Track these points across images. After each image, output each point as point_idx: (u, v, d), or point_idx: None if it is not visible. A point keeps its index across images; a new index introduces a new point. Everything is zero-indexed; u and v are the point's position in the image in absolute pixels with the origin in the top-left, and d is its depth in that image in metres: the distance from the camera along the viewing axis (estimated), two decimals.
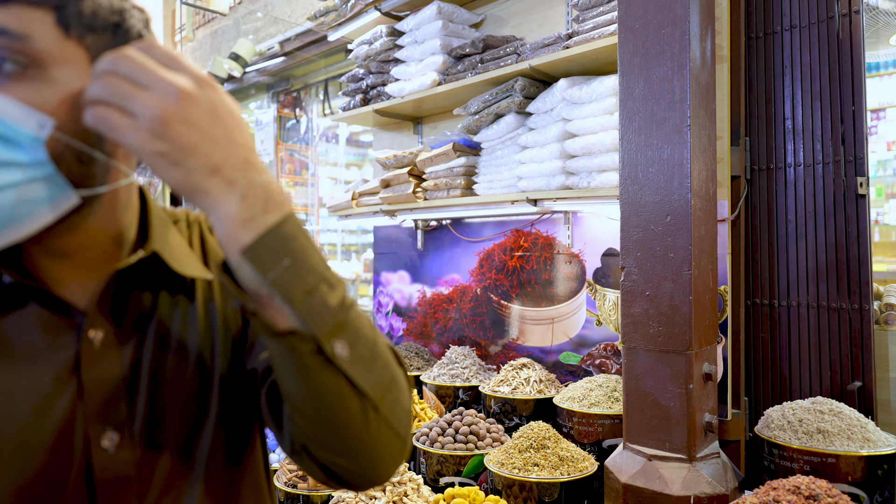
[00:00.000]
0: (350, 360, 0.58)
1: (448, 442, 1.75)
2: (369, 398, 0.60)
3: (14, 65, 0.58)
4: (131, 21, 0.66)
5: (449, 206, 2.33)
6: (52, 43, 0.59)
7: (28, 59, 0.58)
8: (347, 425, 0.59)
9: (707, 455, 1.48)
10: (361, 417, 0.59)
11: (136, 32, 0.67)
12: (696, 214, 1.47)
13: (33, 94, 0.58)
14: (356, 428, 0.60)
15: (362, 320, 0.62)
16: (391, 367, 0.63)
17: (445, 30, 2.37)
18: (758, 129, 1.96)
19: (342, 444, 0.60)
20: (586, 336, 2.23)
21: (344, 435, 0.60)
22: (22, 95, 0.57)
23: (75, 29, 0.61)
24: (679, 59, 1.47)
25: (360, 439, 0.60)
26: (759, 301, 1.96)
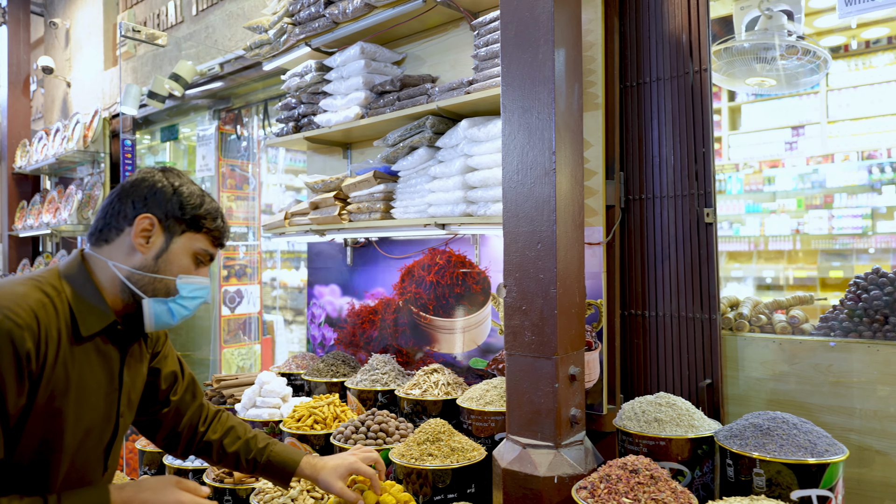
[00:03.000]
0: None
1: (360, 438, 2.00)
2: None
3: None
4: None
5: (370, 228, 2.58)
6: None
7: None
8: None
9: (571, 442, 1.77)
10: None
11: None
12: (562, 242, 1.77)
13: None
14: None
15: None
16: None
17: (368, 68, 2.63)
18: (632, 164, 2.29)
19: None
20: (492, 343, 2.51)
21: None
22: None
23: None
24: (547, 114, 1.77)
25: None
26: (633, 312, 2.29)
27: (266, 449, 1.58)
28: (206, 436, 1.57)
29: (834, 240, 5.34)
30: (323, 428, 2.19)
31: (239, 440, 1.58)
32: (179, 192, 1.33)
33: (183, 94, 4.27)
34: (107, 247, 1.31)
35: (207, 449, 1.58)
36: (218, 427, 1.59)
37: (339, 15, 2.58)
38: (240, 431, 1.61)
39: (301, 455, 1.59)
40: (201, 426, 1.58)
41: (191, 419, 1.57)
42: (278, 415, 2.40)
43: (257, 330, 5.06)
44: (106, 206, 1.33)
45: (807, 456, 1.42)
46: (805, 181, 5.59)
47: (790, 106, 5.60)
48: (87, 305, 1.25)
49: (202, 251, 1.36)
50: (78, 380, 1.22)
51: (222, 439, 1.58)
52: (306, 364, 2.96)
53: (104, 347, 1.29)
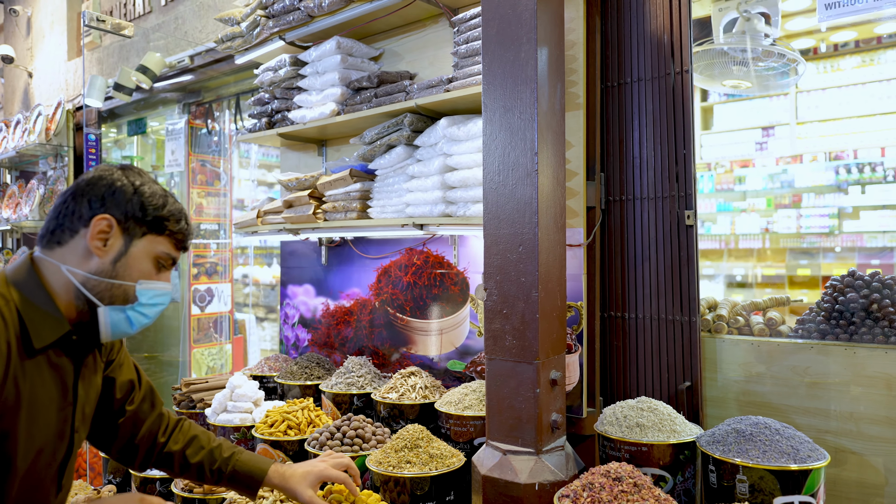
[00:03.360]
0: None
1: (336, 445, 1.94)
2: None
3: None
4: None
5: (346, 228, 2.51)
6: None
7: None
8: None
9: (552, 448, 1.74)
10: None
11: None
12: (544, 245, 1.74)
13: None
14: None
15: None
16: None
17: (344, 63, 2.56)
18: (613, 165, 2.28)
19: None
20: (470, 345, 2.48)
21: None
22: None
23: None
24: (529, 114, 1.74)
25: None
26: (613, 314, 2.27)
27: (232, 458, 1.49)
28: (166, 447, 1.49)
29: (802, 239, 5.47)
30: (297, 434, 2.12)
31: (202, 450, 1.50)
32: (140, 191, 1.24)
33: (151, 87, 4.13)
34: (59, 249, 1.22)
35: (168, 460, 1.50)
36: (180, 437, 1.51)
37: (314, 8, 2.51)
38: (203, 441, 1.52)
39: (269, 463, 1.52)
40: (161, 437, 1.49)
41: (150, 429, 1.48)
42: (250, 420, 2.33)
43: (228, 329, 4.95)
44: (59, 205, 1.23)
45: (789, 462, 1.41)
46: (774, 181, 5.70)
47: (761, 107, 5.71)
48: (39, 314, 1.16)
49: (164, 255, 1.28)
50: (29, 396, 1.14)
51: (184, 450, 1.49)
52: (279, 366, 2.88)
53: (57, 360, 1.21)
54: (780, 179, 5.66)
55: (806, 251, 5.47)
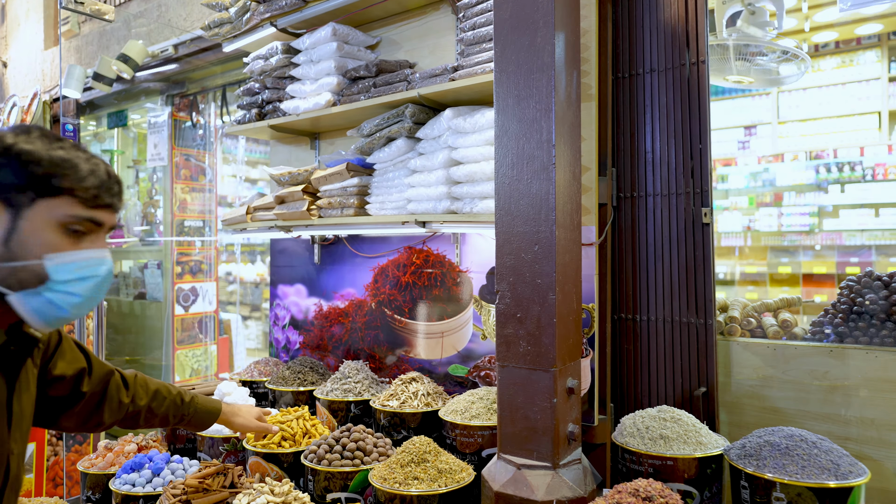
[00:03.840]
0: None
1: (335, 458, 1.81)
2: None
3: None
4: None
5: (342, 225, 2.38)
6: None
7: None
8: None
9: (569, 462, 1.63)
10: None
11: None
12: (561, 244, 1.63)
13: None
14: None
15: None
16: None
17: (340, 51, 2.43)
18: (624, 160, 2.17)
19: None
20: (473, 349, 2.36)
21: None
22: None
23: None
24: (546, 102, 1.62)
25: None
26: (623, 316, 2.17)
27: (192, 403, 1.69)
28: (132, 406, 1.56)
29: (782, 237, 5.51)
30: (292, 445, 1.99)
31: (166, 400, 1.64)
32: (15, 151, 1.01)
33: (132, 77, 3.95)
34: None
35: (135, 416, 1.59)
36: (143, 394, 1.59)
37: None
38: (164, 392, 1.65)
39: (220, 402, 1.78)
40: (125, 398, 1.54)
41: (110, 399, 1.51)
42: None
43: (213, 330, 4.78)
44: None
45: (830, 478, 1.31)
46: (756, 179, 5.72)
47: (744, 106, 5.77)
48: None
49: (72, 218, 1.05)
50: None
51: (150, 404, 1.60)
52: (269, 371, 2.74)
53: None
54: (761, 178, 5.69)
55: (787, 249, 5.52)
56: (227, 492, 1.76)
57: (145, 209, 4.97)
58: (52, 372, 1.34)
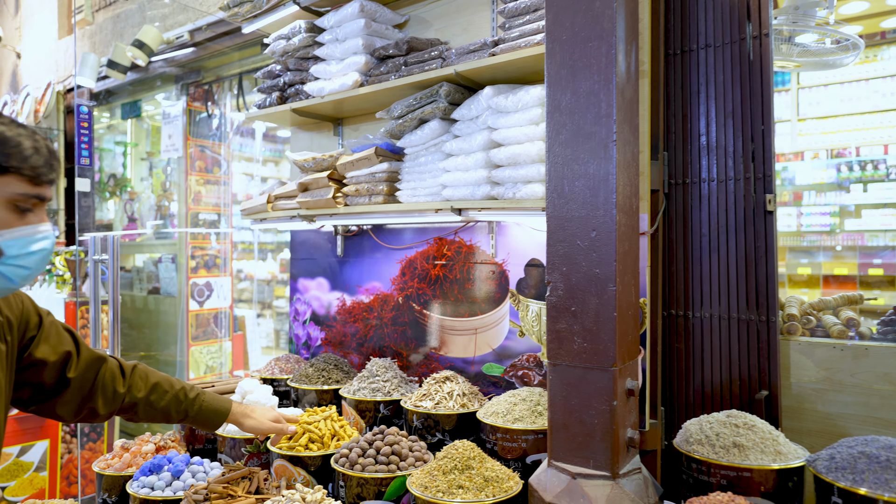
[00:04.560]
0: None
1: (369, 463, 1.67)
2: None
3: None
4: None
5: (371, 213, 2.24)
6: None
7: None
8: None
9: (630, 471, 1.48)
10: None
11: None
12: (621, 230, 1.47)
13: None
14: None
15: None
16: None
17: (368, 29, 2.28)
18: (675, 144, 2.01)
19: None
20: (509, 347, 2.21)
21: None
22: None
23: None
24: (606, 73, 1.47)
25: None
26: (674, 312, 2.01)
27: (197, 400, 1.61)
28: (129, 396, 1.52)
29: (802, 237, 5.36)
30: (320, 448, 1.85)
31: (167, 394, 1.57)
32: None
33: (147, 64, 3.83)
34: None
35: (132, 408, 1.54)
36: (140, 385, 1.55)
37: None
38: (166, 386, 1.58)
39: (230, 402, 1.67)
40: (120, 388, 1.51)
41: (102, 387, 1.48)
42: None
43: (228, 326, 4.65)
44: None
45: None
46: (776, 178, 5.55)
47: None
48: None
49: (20, 196, 1.11)
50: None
51: (148, 396, 1.55)
52: (291, 368, 2.60)
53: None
54: (780, 177, 5.54)
55: (806, 250, 5.38)
56: (254, 498, 1.62)
57: (159, 202, 4.86)
58: (33, 354, 1.35)
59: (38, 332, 1.37)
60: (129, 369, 1.55)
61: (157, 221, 4.86)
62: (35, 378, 1.37)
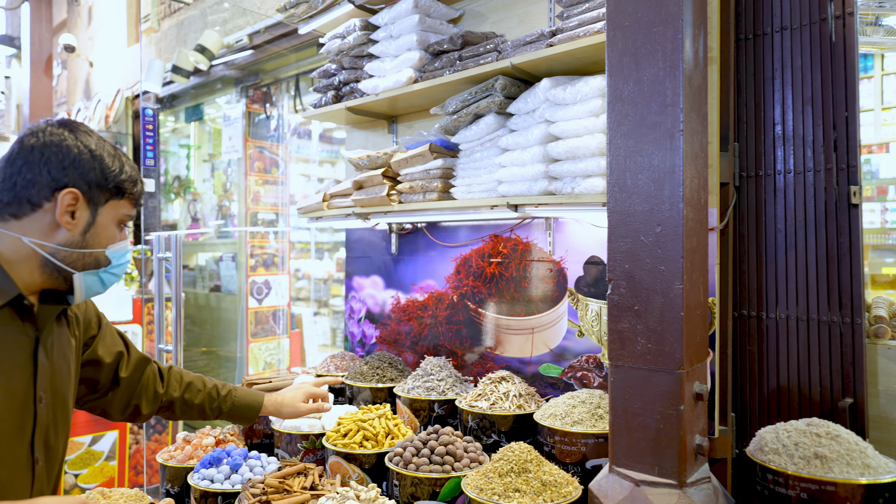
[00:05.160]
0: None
1: (423, 463, 1.64)
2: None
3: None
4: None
5: (425, 211, 2.21)
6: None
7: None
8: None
9: (698, 480, 1.39)
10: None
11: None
12: (688, 225, 1.39)
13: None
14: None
15: None
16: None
17: (422, 24, 2.26)
18: (746, 134, 1.89)
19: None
20: (567, 347, 2.14)
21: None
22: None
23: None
24: (671, 60, 1.39)
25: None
26: (746, 313, 1.89)
27: (230, 396, 1.69)
28: (166, 396, 1.61)
29: (886, 234, 4.98)
30: (374, 446, 1.84)
31: (201, 392, 1.66)
32: (98, 157, 1.22)
33: (209, 68, 3.94)
34: (16, 222, 1.18)
35: (170, 406, 1.63)
36: (176, 385, 1.63)
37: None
38: (199, 384, 1.67)
39: (262, 396, 1.74)
40: (160, 388, 1.60)
41: (146, 388, 1.57)
42: (319, 427, 2.06)
43: (286, 323, 4.75)
44: (10, 175, 1.17)
45: None
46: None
47: None
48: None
49: (125, 216, 1.30)
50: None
51: (183, 395, 1.63)
52: (346, 365, 2.61)
53: (10, 324, 1.18)
54: (862, 170, 5.16)
55: (892, 249, 4.98)
56: (309, 494, 1.62)
57: (220, 202, 5.01)
58: (95, 353, 1.46)
59: (98, 333, 1.47)
60: (166, 371, 1.64)
61: (219, 221, 5.02)
62: (93, 376, 1.47)
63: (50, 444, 1.26)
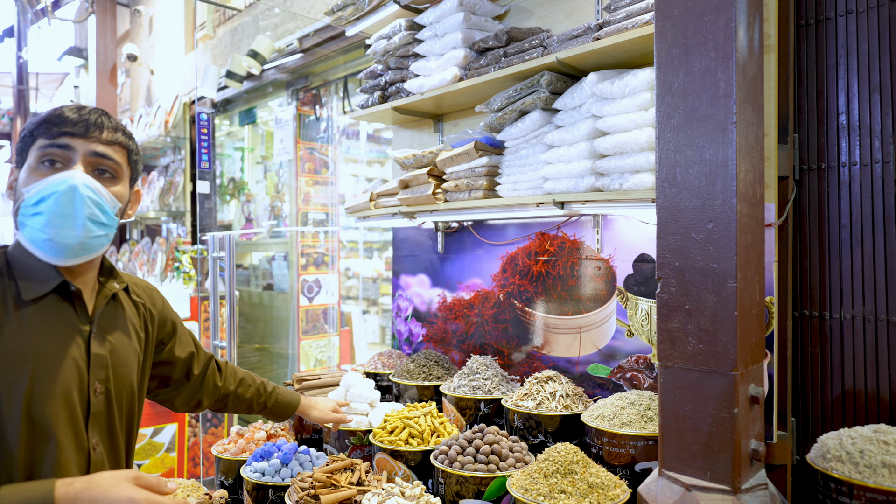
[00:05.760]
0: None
1: (468, 462, 1.64)
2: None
3: (111, 175, 1.27)
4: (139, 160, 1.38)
5: (470, 209, 2.21)
6: (124, 166, 1.30)
7: (117, 174, 1.28)
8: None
9: (754, 486, 1.34)
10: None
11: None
12: (742, 220, 1.33)
13: (115, 191, 1.27)
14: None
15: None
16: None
17: (467, 22, 2.25)
18: (807, 124, 1.80)
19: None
20: (616, 347, 2.09)
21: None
22: (112, 191, 1.26)
23: (130, 159, 1.33)
24: (724, 50, 1.33)
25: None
26: (807, 313, 1.80)
27: (273, 393, 1.83)
28: (223, 389, 1.71)
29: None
30: (420, 444, 1.84)
31: (251, 387, 1.78)
32: (30, 121, 1.25)
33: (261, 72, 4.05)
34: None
35: (224, 399, 1.73)
36: (231, 380, 1.74)
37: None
38: (249, 380, 1.79)
39: (299, 396, 1.91)
40: (219, 382, 1.70)
41: (208, 382, 1.67)
42: (366, 423, 2.08)
43: (335, 321, 4.84)
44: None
45: None
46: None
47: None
48: (32, 272, 1.20)
49: (42, 150, 1.20)
50: (28, 351, 1.16)
51: (237, 389, 1.75)
52: (393, 363, 2.64)
53: (62, 314, 1.23)
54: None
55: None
56: (356, 489, 1.64)
57: (272, 202, 5.14)
58: (172, 353, 1.55)
59: (174, 335, 1.56)
60: (224, 365, 1.75)
61: (271, 221, 5.15)
62: (166, 373, 1.57)
63: (112, 431, 1.29)
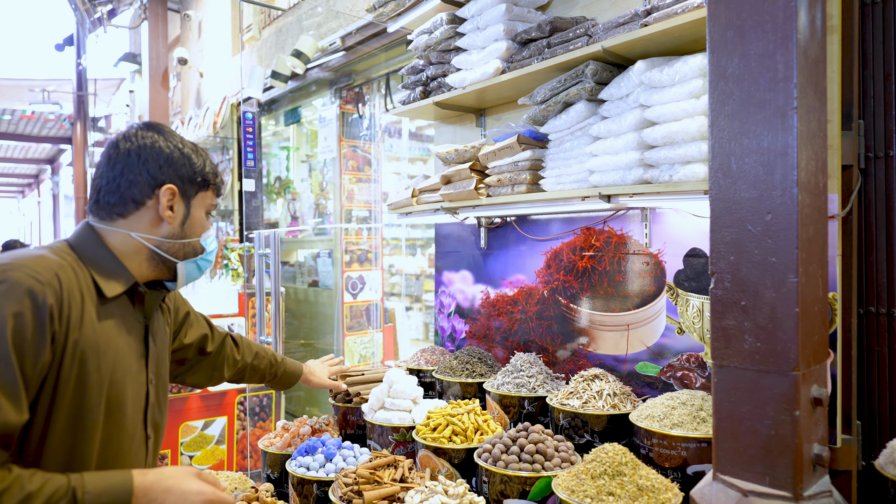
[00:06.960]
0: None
1: (513, 461, 1.61)
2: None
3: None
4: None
5: (513, 204, 2.17)
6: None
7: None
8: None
9: (817, 493, 1.26)
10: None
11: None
12: (804, 212, 1.26)
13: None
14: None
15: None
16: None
17: (509, 14, 2.21)
18: (874, 110, 1.70)
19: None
20: (666, 345, 2.02)
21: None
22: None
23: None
24: (783, 31, 1.26)
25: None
26: (873, 310, 1.70)
27: (282, 364, 2.00)
28: (241, 362, 1.86)
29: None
30: (463, 441, 1.83)
31: (264, 359, 1.94)
32: (187, 155, 1.36)
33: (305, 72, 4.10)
34: (123, 220, 1.31)
35: (243, 370, 1.88)
36: (248, 352, 1.89)
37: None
38: (262, 353, 1.95)
39: (301, 366, 2.08)
40: (237, 355, 1.85)
41: (227, 357, 1.82)
42: (409, 420, 2.08)
43: (379, 317, 4.87)
44: (112, 178, 1.30)
45: None
46: None
47: None
48: (106, 270, 1.28)
49: (211, 206, 1.44)
50: (107, 342, 1.24)
51: (252, 361, 1.90)
52: (436, 360, 2.63)
53: (127, 311, 1.32)
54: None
55: None
56: (399, 486, 1.64)
57: (317, 200, 5.21)
58: (183, 340, 1.67)
59: (185, 322, 1.68)
60: (240, 339, 1.89)
61: (316, 219, 5.22)
62: (183, 356, 1.70)
63: (157, 422, 1.41)
